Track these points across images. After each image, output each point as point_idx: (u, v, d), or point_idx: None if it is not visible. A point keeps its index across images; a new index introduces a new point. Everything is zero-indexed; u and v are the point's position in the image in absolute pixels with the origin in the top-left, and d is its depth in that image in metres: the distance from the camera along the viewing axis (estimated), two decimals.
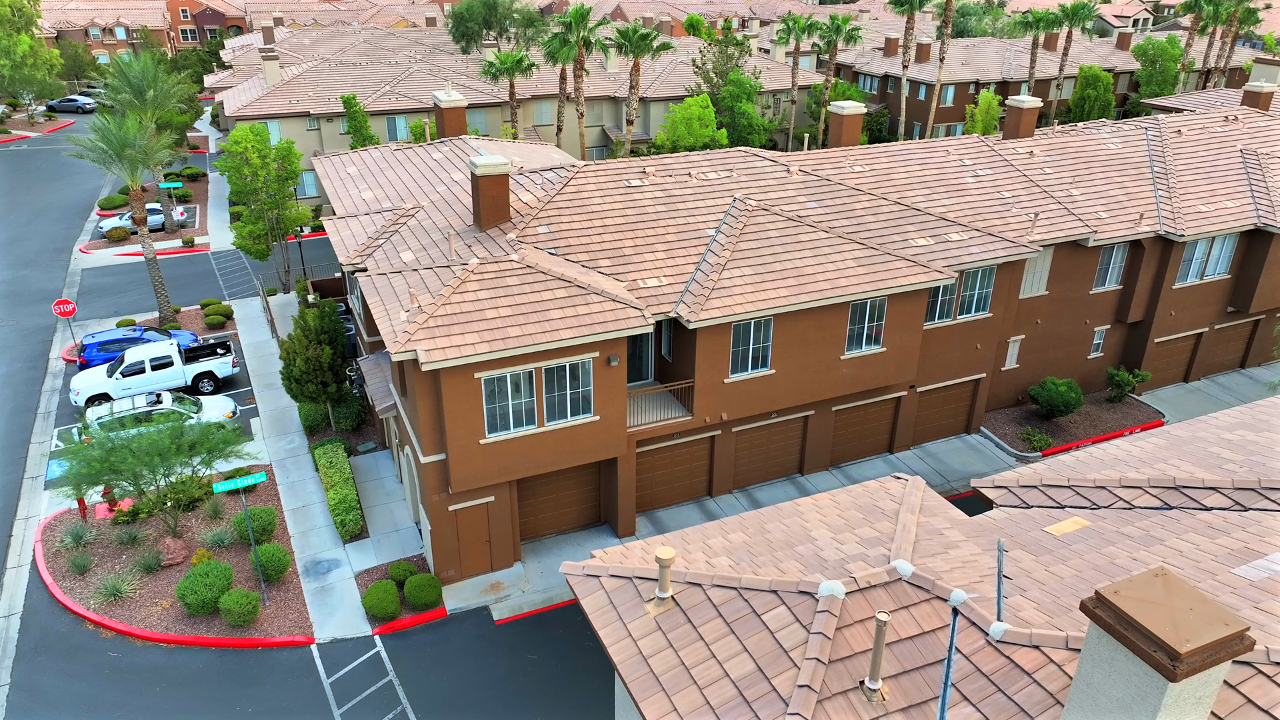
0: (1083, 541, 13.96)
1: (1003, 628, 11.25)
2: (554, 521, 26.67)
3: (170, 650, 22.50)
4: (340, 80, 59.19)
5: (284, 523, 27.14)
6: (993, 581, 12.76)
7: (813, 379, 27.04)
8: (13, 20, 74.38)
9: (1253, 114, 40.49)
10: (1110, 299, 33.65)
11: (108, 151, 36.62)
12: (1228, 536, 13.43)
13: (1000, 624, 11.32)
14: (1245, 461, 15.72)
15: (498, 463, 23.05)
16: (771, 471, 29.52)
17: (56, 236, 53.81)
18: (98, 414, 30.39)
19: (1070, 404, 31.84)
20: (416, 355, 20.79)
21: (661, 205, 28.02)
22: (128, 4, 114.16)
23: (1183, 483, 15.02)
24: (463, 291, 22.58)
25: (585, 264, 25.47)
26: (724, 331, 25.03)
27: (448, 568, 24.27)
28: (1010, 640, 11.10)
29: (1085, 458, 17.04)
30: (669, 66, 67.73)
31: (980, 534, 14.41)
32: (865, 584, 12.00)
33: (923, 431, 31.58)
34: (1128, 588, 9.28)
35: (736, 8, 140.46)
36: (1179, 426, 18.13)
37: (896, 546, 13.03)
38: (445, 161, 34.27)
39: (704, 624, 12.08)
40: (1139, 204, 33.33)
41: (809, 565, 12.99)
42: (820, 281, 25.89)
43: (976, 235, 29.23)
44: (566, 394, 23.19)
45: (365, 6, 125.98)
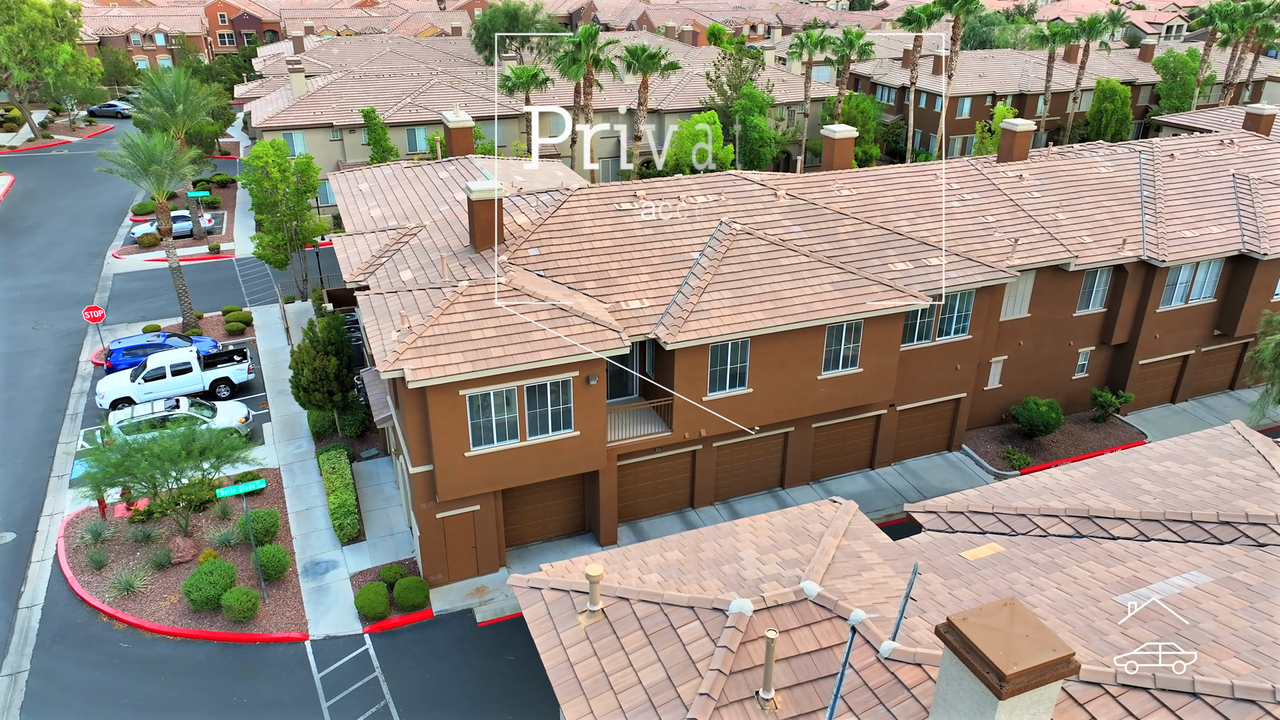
0: (992, 566, 15.06)
1: (892, 646, 12.43)
2: (540, 529, 28.08)
3: (176, 643, 24.21)
4: (363, 92, 61.12)
5: (288, 524, 28.81)
6: (897, 602, 13.93)
7: (790, 398, 28.18)
8: (55, 30, 77.24)
9: (1251, 137, 40.90)
10: (1094, 321, 34.38)
11: (135, 166, 38.62)
12: (1123, 565, 14.47)
13: (891, 643, 12.50)
14: (1161, 493, 16.71)
15: (482, 474, 24.49)
16: (753, 485, 30.70)
17: (92, 241, 56.22)
18: (119, 417, 32.30)
19: (1050, 424, 32.65)
20: (404, 374, 22.27)
21: (649, 228, 29.31)
22: (167, 11, 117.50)
23: (1096, 513, 16.05)
24: (451, 313, 24.03)
25: (571, 285, 26.83)
26: (701, 352, 26.26)
27: (436, 572, 25.77)
28: (897, 658, 12.28)
29: (1017, 485, 18.11)
30: (686, 79, 68.95)
31: (899, 557, 15.55)
32: (773, 603, 13.22)
33: (904, 448, 32.57)
34: (976, 615, 10.45)
35: (763, 14, 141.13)
36: (1112, 456, 19.13)
37: (810, 568, 14.23)
38: (450, 181, 35.82)
39: (626, 635, 13.38)
40: (1125, 229, 34.03)
41: (729, 583, 14.24)
42: (796, 305, 27.04)
43: (955, 260, 30.17)
44: (548, 410, 24.57)
45: (396, 13, 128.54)
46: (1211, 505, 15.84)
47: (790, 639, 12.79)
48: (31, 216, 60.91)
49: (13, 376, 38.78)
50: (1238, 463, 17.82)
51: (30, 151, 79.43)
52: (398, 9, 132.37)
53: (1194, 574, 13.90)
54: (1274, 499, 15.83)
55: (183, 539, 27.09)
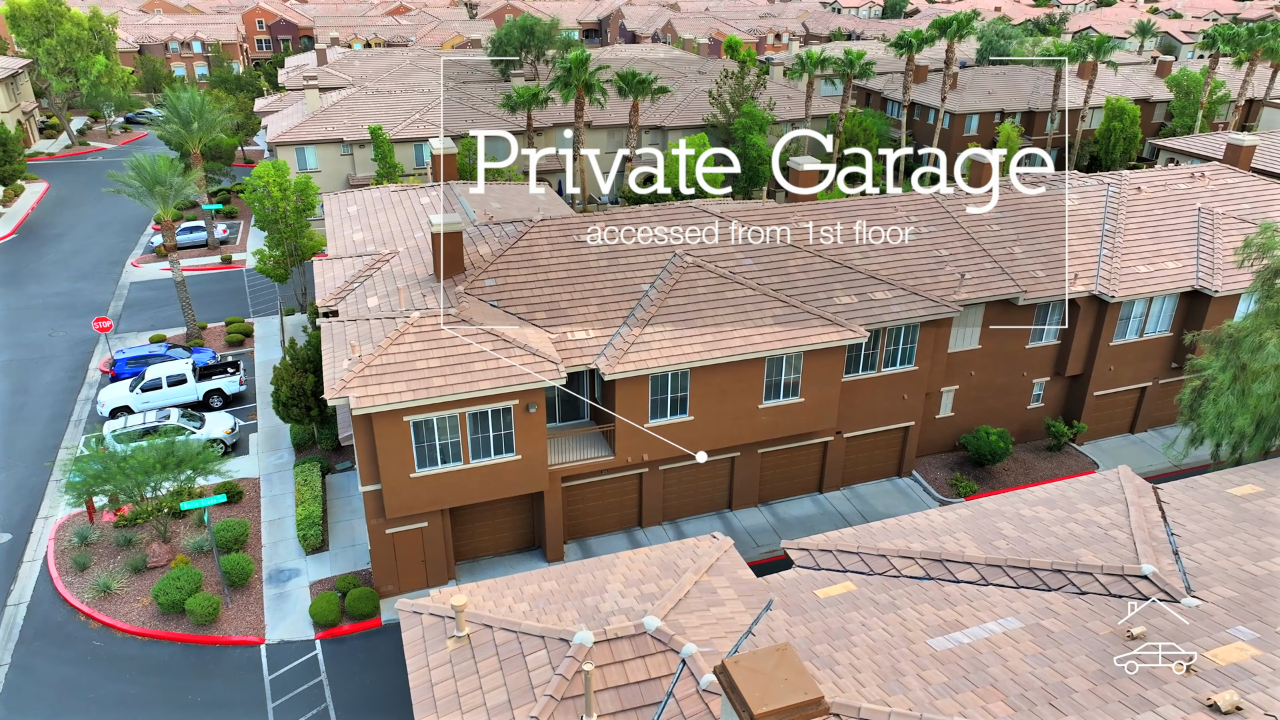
0: (836, 605, 16.35)
1: (710, 679, 13.82)
2: (491, 544, 29.71)
3: (144, 643, 26.22)
4: (374, 107, 63.30)
5: (259, 533, 30.76)
6: (737, 637, 15.30)
7: (732, 426, 29.49)
8: (91, 42, 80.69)
9: (1224, 170, 41.25)
10: (1048, 353, 35.19)
11: (141, 186, 40.96)
12: (953, 609, 15.69)
13: (710, 676, 13.89)
14: (1015, 539, 17.85)
15: (428, 494, 26.16)
16: (702, 506, 32.05)
17: (114, 250, 59.05)
18: (113, 426, 34.53)
19: (999, 453, 33.56)
20: (349, 401, 24.00)
21: (605, 260, 30.79)
22: (204, 20, 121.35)
23: (948, 556, 17.25)
24: (400, 343, 25.72)
25: (522, 316, 28.43)
26: (642, 382, 27.69)
27: (386, 583, 27.50)
28: (712, 690, 13.66)
29: (891, 526, 19.33)
30: (691, 95, 70.16)
31: (756, 594, 16.88)
32: (614, 635, 14.67)
33: (853, 473, 33.68)
34: (748, 659, 11.85)
35: (788, 23, 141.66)
36: (991, 499, 20.24)
37: (661, 603, 15.64)
38: (431, 207, 37.60)
39: (483, 660, 14.90)
40: (1081, 263, 34.78)
41: (584, 615, 15.70)
42: (735, 338, 28.35)
43: (901, 294, 31.24)
44: (490, 435, 26.17)
45: (426, 21, 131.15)
46: (1053, 553, 16.96)
47: (624, 669, 14.22)
48: (60, 224, 64.00)
49: (25, 382, 41.35)
50: (1100, 509, 18.85)
51: (67, 158, 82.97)
52: (428, 17, 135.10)
53: (1009, 620, 15.08)
54: (1112, 548, 16.91)
55: (159, 545, 29.15)
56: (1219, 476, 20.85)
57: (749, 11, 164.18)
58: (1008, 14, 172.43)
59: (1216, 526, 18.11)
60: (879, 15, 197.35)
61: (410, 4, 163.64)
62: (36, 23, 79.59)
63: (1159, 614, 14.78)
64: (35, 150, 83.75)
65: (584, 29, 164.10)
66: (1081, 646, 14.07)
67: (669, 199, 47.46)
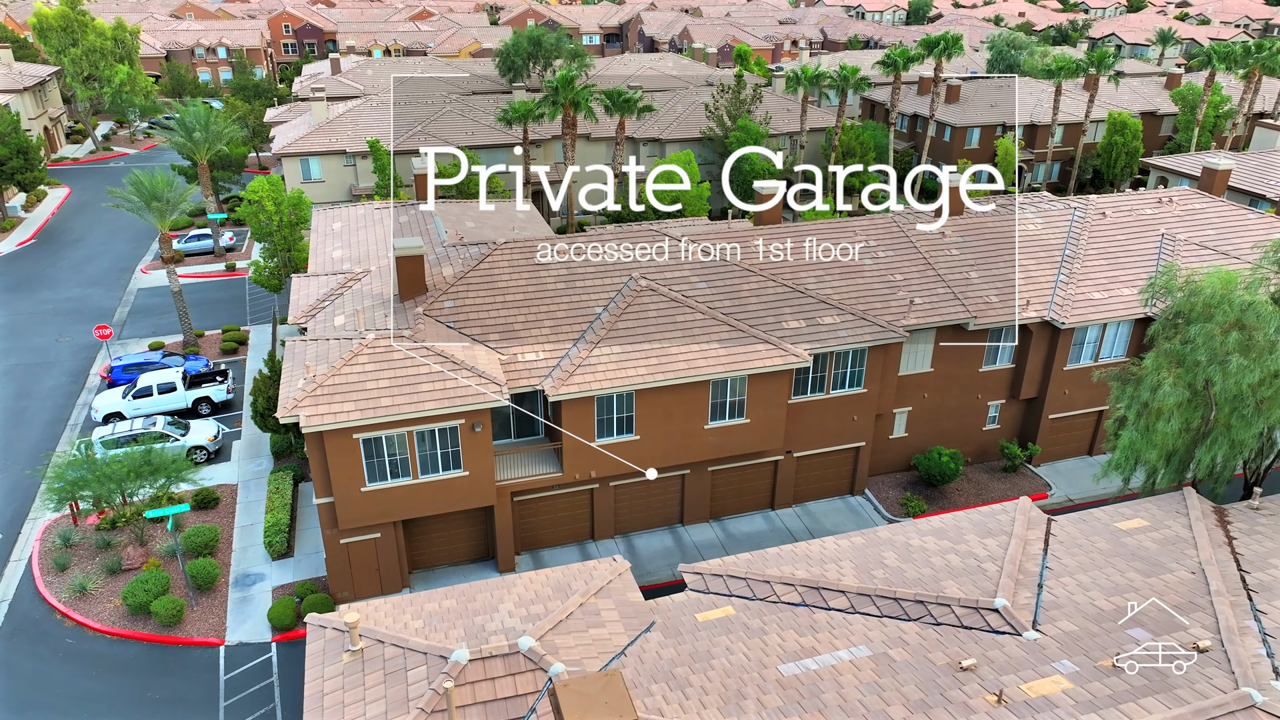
0: (710, 629, 17.47)
1: None
2: (446, 554, 31.07)
3: (112, 641, 27.90)
4: (378, 119, 65.02)
5: (231, 538, 32.37)
6: (607, 658, 16.47)
7: (678, 445, 30.60)
8: (114, 52, 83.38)
9: (1193, 195, 41.59)
10: (1002, 376, 35.88)
11: (139, 202, 42.87)
12: (814, 636, 16.76)
13: None
14: (895, 569, 18.85)
15: (378, 507, 27.57)
16: (654, 521, 33.19)
17: (125, 256, 61.31)
18: (101, 433, 36.38)
19: (948, 474, 34.35)
20: (299, 420, 25.45)
21: (562, 283, 32.02)
22: (230, 26, 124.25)
23: (825, 584, 18.30)
24: (354, 363, 27.14)
25: (476, 337, 29.75)
26: (588, 403, 28.89)
27: (342, 590, 28.96)
28: None
29: (786, 552, 20.38)
30: (691, 108, 71.15)
31: (639, 616, 18.02)
32: (489, 653, 15.89)
33: (805, 491, 34.62)
34: (577, 682, 13.07)
35: (806, 30, 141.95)
36: (889, 528, 21.21)
37: (540, 624, 16.84)
38: (409, 225, 39.06)
39: (370, 673, 16.20)
40: (1037, 288, 35.45)
41: (470, 633, 16.95)
42: (679, 361, 29.46)
43: (849, 319, 32.15)
44: (438, 452, 27.51)
45: (447, 28, 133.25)
46: (923, 583, 17.93)
47: (494, 686, 15.44)
48: (77, 229, 66.47)
49: (29, 386, 43.45)
50: (986, 541, 19.78)
51: (90, 163, 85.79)
52: (449, 23, 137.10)
53: (860, 648, 16.11)
54: (979, 580, 17.85)
55: (134, 548, 30.86)
56: (1114, 510, 21.66)
57: (771, 16, 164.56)
58: (1031, 19, 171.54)
59: (1090, 560, 18.98)
60: (903, 19, 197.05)
61: (434, 8, 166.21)
62: (62, 33, 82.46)
63: (997, 646, 15.73)
64: (61, 155, 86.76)
65: (605, 33, 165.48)
66: (915, 676, 15.08)
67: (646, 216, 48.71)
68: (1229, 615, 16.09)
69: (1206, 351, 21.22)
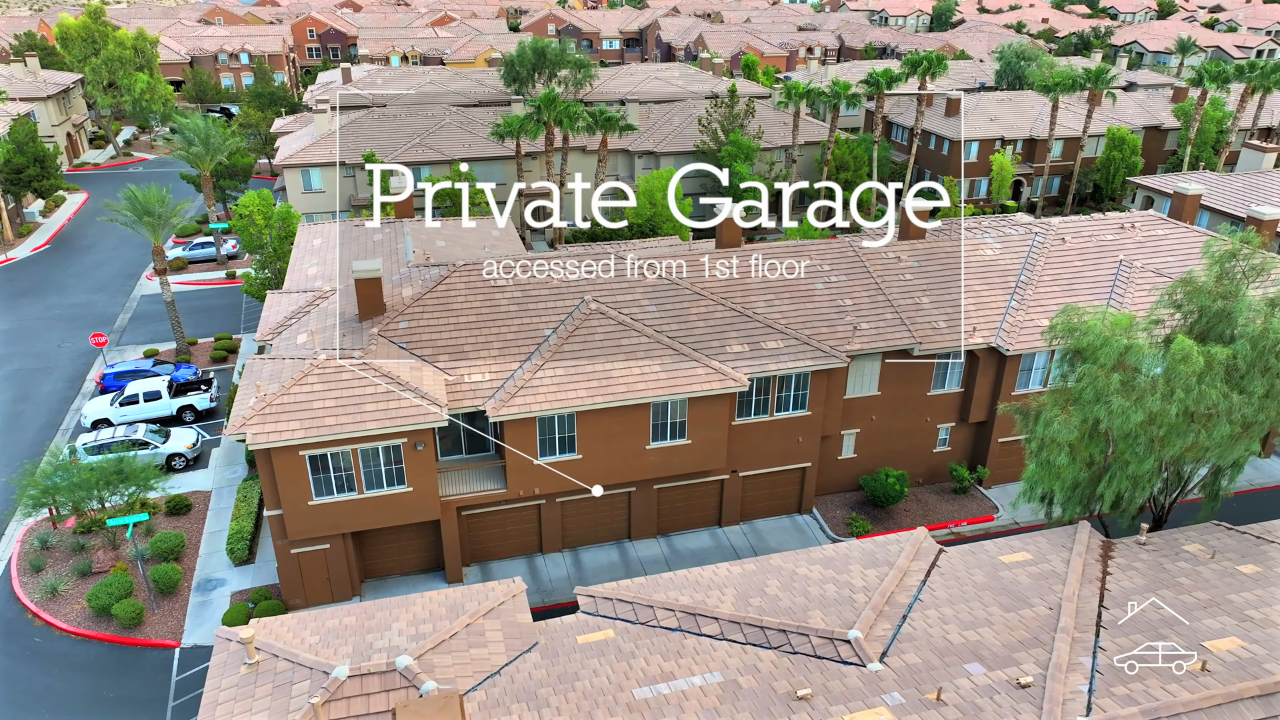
0: (585, 651, 18.57)
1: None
2: (398, 564, 32.44)
3: (76, 641, 29.58)
4: (378, 131, 66.72)
5: (199, 543, 33.98)
6: (482, 677, 17.65)
7: (620, 464, 31.69)
8: (134, 60, 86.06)
9: (1156, 221, 41.87)
10: (951, 400, 36.55)
11: (133, 216, 44.77)
12: (677, 661, 17.82)
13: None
14: (773, 597, 19.84)
15: (326, 520, 28.97)
16: (602, 536, 34.31)
17: (133, 262, 63.53)
18: (84, 439, 38.22)
19: (893, 495, 35.12)
20: (246, 437, 26.90)
21: (516, 305, 33.23)
22: (253, 31, 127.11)
23: (701, 611, 19.33)
24: (304, 383, 28.55)
25: (425, 358, 31.06)
26: (530, 423, 30.09)
27: (294, 597, 30.42)
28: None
29: (679, 577, 21.42)
30: (687, 121, 72.09)
31: (524, 637, 19.16)
32: (367, 670, 17.13)
33: (752, 509, 35.55)
34: (417, 704, 14.32)
35: (822, 37, 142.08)
36: (783, 556, 22.16)
37: (423, 643, 18.04)
38: (382, 244, 40.50)
39: (260, 685, 17.51)
40: (988, 314, 36.08)
41: (359, 650, 18.20)
42: (620, 384, 30.55)
43: (793, 344, 33.04)
44: (381, 469, 28.85)
45: (464, 34, 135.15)
46: (792, 613, 18.90)
47: (368, 701, 16.66)
48: (90, 235, 68.90)
49: (27, 390, 45.54)
50: (868, 572, 20.68)
51: (111, 169, 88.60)
52: (468, 30, 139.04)
53: (714, 674, 17.14)
54: (845, 611, 18.79)
55: (104, 552, 32.56)
56: (1004, 543, 22.46)
57: (791, 21, 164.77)
58: (1054, 25, 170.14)
59: (961, 593, 19.83)
60: (926, 24, 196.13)
61: (457, 13, 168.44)
62: (84, 43, 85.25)
63: (839, 677, 16.69)
64: (82, 160, 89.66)
65: (625, 38, 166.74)
66: (753, 703, 16.09)
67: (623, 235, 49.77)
68: (1063, 652, 16.89)
69: (1092, 391, 21.92)
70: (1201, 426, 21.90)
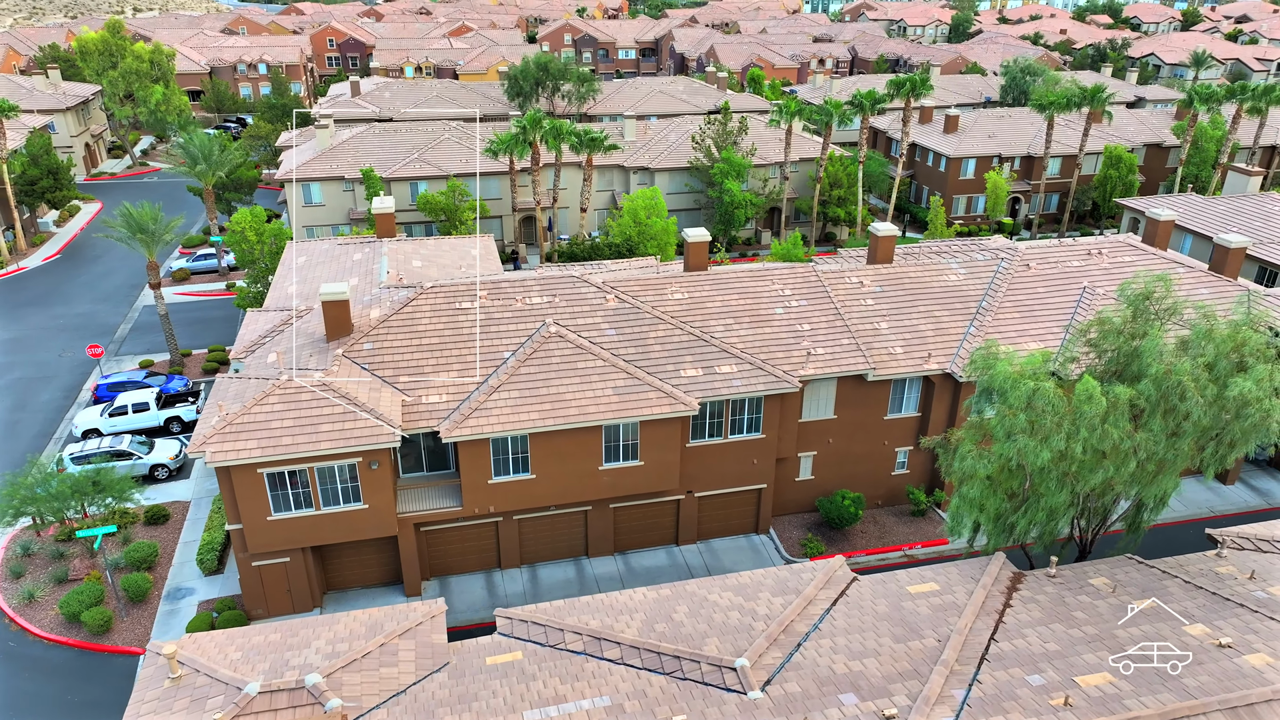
0: (492, 672, 19.50)
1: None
2: (359, 577, 33.55)
3: (48, 646, 30.96)
4: (379, 146, 68.21)
5: (174, 553, 35.31)
6: (388, 695, 18.63)
7: (573, 484, 32.60)
8: (150, 73, 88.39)
9: (1124, 247, 42.15)
10: (909, 424, 37.12)
11: (127, 233, 46.38)
12: (573, 684, 18.70)
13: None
14: (678, 624, 20.66)
15: (284, 534, 30.13)
16: (560, 552, 35.23)
17: (138, 273, 65.36)
18: (71, 449, 39.74)
19: (848, 518, 35.76)
20: (205, 455, 28.13)
21: (478, 327, 34.28)
22: (271, 43, 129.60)
23: (607, 635, 20.19)
24: (264, 403, 29.75)
25: (386, 379, 32.17)
26: (483, 444, 31.10)
27: (256, 608, 31.62)
28: None
29: (595, 601, 22.29)
30: (683, 137, 72.94)
31: (436, 657, 20.12)
32: (277, 687, 18.16)
33: (709, 528, 36.32)
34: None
35: (834, 49, 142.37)
36: (699, 581, 22.97)
37: (335, 661, 19.06)
38: (361, 263, 41.75)
39: (179, 699, 18.59)
40: (946, 340, 36.63)
41: (275, 667, 19.24)
42: (572, 407, 31.49)
43: (746, 368, 33.81)
44: (338, 487, 29.97)
45: (479, 44, 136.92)
46: (691, 639, 19.72)
47: (275, 717, 17.69)
48: (100, 245, 70.91)
49: (25, 399, 47.27)
50: (775, 600, 21.45)
51: (126, 178, 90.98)
52: (482, 40, 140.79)
53: (604, 699, 18.00)
54: (740, 639, 19.57)
55: (82, 560, 33.97)
56: (916, 573, 23.13)
57: (807, 32, 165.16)
58: (1073, 36, 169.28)
59: (861, 623, 20.55)
60: (945, 34, 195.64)
61: (475, 22, 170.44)
62: (102, 56, 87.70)
63: (718, 704, 17.49)
64: (100, 170, 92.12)
65: (641, 48, 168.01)
66: None
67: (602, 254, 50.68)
68: (936, 685, 17.57)
69: (1002, 430, 22.54)
70: (1112, 463, 22.44)
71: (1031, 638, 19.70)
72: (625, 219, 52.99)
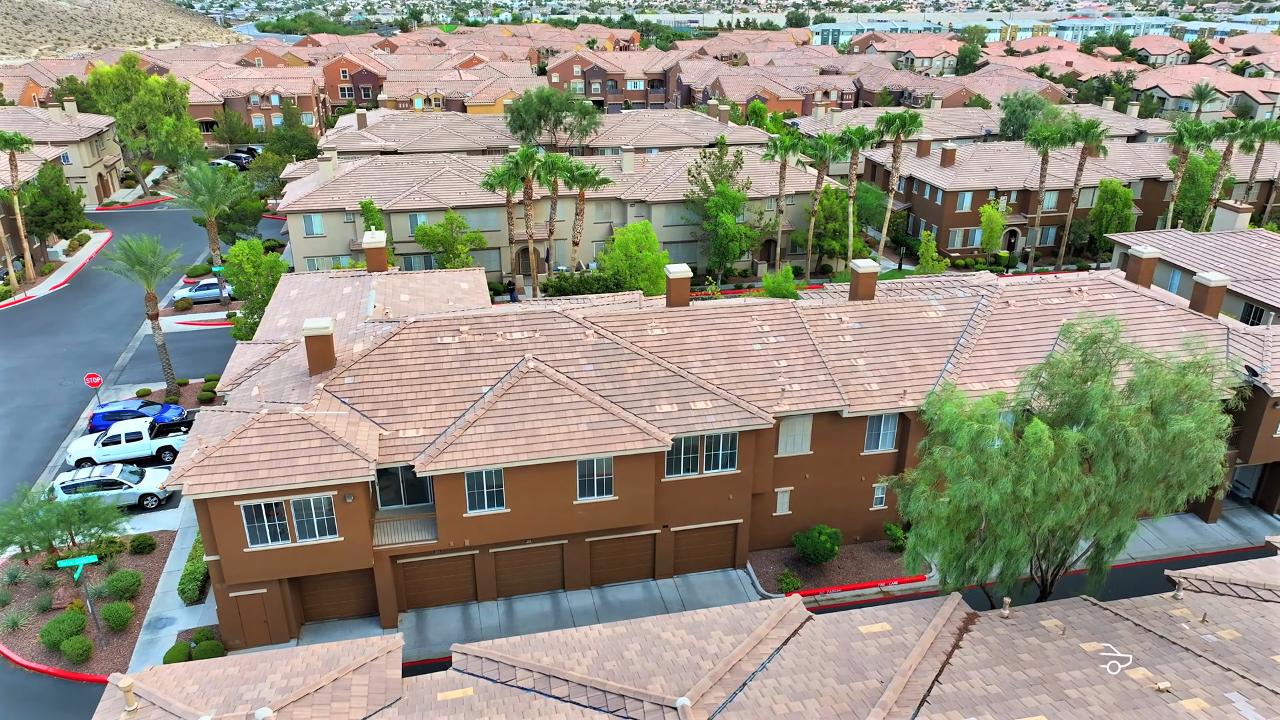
0: (441, 708, 19.85)
1: None
2: (336, 609, 33.96)
3: (28, 674, 31.47)
4: (380, 178, 69.41)
5: (156, 583, 35.84)
6: None
7: (548, 518, 32.99)
8: (163, 106, 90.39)
9: (1105, 285, 42.42)
10: (886, 460, 37.36)
11: (126, 265, 47.42)
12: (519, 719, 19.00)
13: None
14: (627, 662, 20.97)
15: (261, 566, 30.62)
16: (536, 585, 35.55)
17: (142, 302, 66.51)
18: (63, 478, 40.47)
19: (824, 553, 35.94)
20: (183, 488, 28.72)
21: (459, 362, 34.87)
22: (284, 74, 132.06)
23: (556, 673, 20.53)
24: (243, 436, 30.37)
25: (365, 413, 32.76)
26: (458, 478, 31.58)
27: (234, 638, 32.06)
28: None
29: (550, 638, 22.62)
30: (681, 170, 73.84)
31: (389, 692, 20.48)
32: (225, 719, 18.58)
33: (686, 563, 36.57)
34: None
35: (841, 82, 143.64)
36: (654, 619, 23.28)
37: (286, 695, 19.46)
38: (350, 297, 42.53)
39: None
40: (922, 377, 36.94)
41: (229, 701, 19.66)
42: (546, 442, 31.95)
43: (721, 404, 34.22)
44: (314, 520, 30.47)
45: (488, 76, 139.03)
46: (637, 678, 20.02)
47: None
48: (107, 274, 72.16)
49: (23, 428, 48.16)
50: (725, 639, 21.73)
51: (137, 208, 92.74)
52: (492, 72, 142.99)
53: None
54: (686, 678, 19.85)
55: (66, 589, 34.54)
56: (871, 612, 23.36)
57: (814, 64, 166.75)
58: (1078, 69, 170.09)
59: (809, 663, 20.80)
60: (953, 65, 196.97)
61: (486, 54, 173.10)
62: (116, 89, 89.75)
63: None
64: (112, 200, 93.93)
65: (649, 79, 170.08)
66: None
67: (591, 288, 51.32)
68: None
69: (951, 470, 22.85)
70: (1065, 506, 22.67)
71: (975, 680, 19.90)
72: (617, 252, 53.67)
